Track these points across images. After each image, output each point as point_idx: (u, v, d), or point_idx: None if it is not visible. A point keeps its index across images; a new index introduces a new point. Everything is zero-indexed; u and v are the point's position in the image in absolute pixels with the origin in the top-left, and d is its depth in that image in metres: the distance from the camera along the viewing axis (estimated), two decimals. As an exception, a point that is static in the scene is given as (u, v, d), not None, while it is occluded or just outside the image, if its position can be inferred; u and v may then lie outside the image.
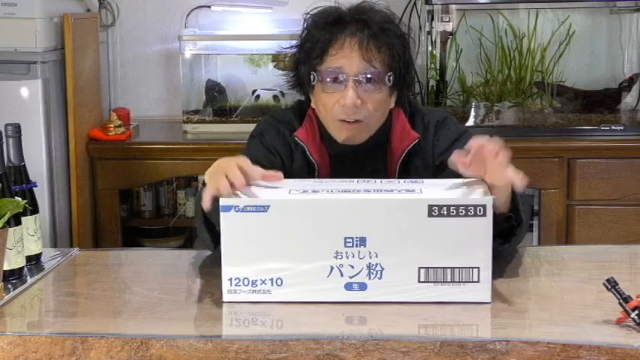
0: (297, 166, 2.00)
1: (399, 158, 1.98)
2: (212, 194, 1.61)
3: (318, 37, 1.93)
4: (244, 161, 1.65)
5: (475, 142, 1.67)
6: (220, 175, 1.61)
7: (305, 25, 2.00)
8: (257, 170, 1.64)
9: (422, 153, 2.01)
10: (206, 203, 1.62)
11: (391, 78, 1.93)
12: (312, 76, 1.94)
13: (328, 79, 1.92)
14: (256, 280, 1.58)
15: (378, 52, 1.91)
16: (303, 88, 2.02)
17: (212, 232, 1.77)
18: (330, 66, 1.92)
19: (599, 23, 3.62)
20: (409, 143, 1.98)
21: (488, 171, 1.66)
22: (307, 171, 1.98)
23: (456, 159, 1.69)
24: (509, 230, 1.78)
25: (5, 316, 1.56)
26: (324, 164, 2.00)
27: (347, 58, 1.90)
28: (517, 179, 1.66)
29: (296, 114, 2.06)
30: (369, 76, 1.90)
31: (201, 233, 1.84)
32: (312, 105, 2.00)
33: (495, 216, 1.60)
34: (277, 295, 1.58)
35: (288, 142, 2.02)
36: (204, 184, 1.75)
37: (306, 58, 1.96)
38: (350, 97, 1.89)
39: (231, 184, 1.59)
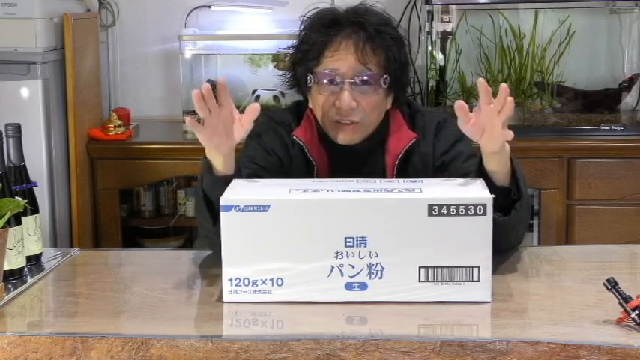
0: (295, 166, 2.01)
1: (397, 158, 2.00)
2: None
3: (315, 39, 1.95)
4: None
5: (485, 106, 1.67)
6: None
7: (302, 26, 2.01)
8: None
9: (420, 153, 2.02)
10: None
11: (387, 80, 1.95)
12: (308, 77, 1.96)
13: (324, 81, 1.94)
14: (257, 280, 1.58)
15: (373, 54, 1.93)
16: (300, 88, 2.04)
17: (214, 218, 1.72)
18: (326, 68, 1.94)
19: (599, 23, 3.62)
20: (406, 143, 2.00)
21: (485, 133, 1.68)
22: (306, 170, 1.99)
23: (460, 108, 1.68)
24: (510, 205, 1.78)
25: (5, 316, 1.56)
26: (322, 163, 2.01)
27: (343, 60, 1.92)
28: (506, 137, 1.68)
29: (293, 114, 2.08)
30: (364, 78, 1.92)
31: (200, 216, 1.82)
32: (310, 105, 2.02)
33: (495, 189, 1.62)
34: (278, 295, 1.58)
35: (286, 142, 2.03)
36: (205, 157, 1.77)
37: (302, 59, 1.98)
38: (345, 99, 1.91)
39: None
